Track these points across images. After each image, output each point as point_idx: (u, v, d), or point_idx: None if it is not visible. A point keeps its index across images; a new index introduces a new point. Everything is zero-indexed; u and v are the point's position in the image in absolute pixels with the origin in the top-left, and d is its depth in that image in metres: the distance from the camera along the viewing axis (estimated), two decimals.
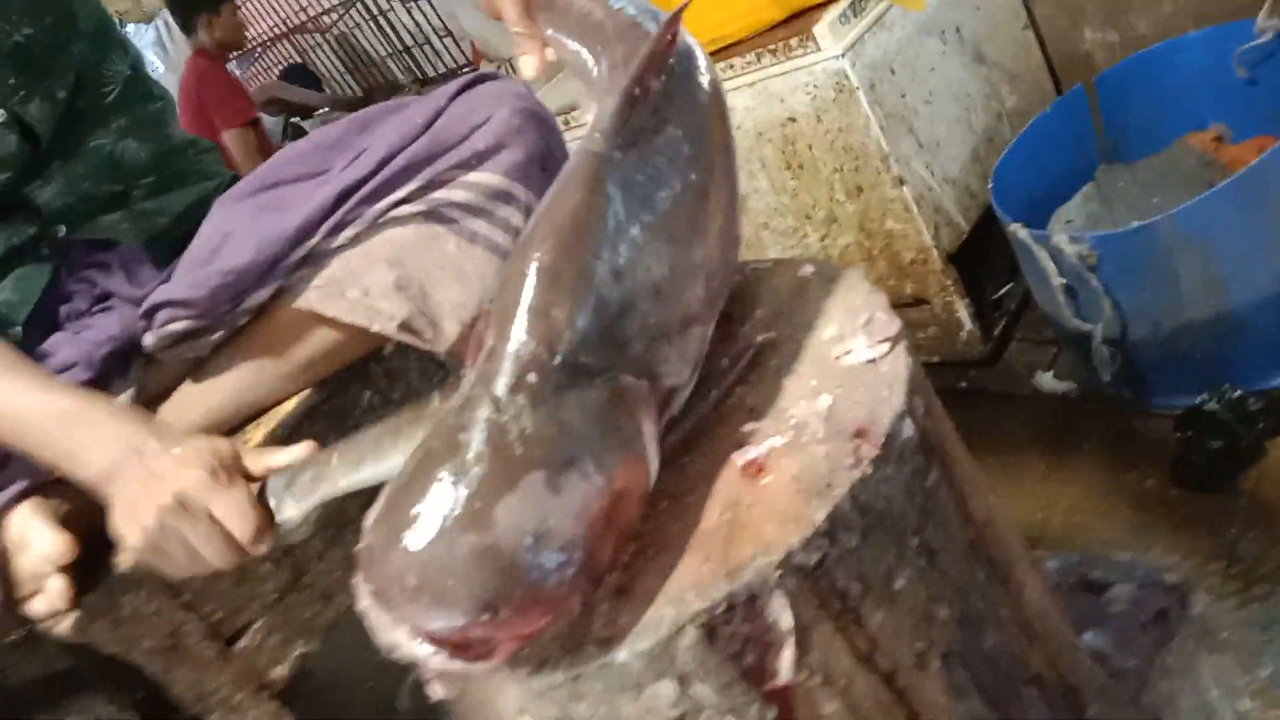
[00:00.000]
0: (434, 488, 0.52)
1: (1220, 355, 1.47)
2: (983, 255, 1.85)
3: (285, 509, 0.74)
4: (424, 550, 0.51)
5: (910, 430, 0.58)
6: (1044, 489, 1.58)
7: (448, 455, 0.53)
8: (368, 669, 1.77)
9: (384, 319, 1.00)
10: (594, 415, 0.55)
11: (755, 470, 0.60)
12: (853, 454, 0.57)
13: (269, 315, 1.03)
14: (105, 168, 1.06)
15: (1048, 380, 1.76)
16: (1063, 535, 1.48)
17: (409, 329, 1.01)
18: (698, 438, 0.65)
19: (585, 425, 0.55)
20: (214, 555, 0.75)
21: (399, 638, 0.52)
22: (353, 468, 0.71)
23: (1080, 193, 1.78)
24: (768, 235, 1.97)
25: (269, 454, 0.78)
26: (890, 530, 0.57)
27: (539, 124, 1.00)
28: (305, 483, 0.74)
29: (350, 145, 1.03)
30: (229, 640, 1.04)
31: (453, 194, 0.98)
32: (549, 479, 0.52)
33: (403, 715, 1.56)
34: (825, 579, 0.54)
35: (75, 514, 0.92)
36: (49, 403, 0.83)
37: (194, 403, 1.05)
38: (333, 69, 5.75)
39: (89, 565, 0.90)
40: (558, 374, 0.55)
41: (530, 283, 0.57)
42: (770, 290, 0.74)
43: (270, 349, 1.05)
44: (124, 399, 1.02)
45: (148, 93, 1.11)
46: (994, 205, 1.59)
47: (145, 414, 0.84)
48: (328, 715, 1.75)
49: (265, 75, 5.85)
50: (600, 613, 0.55)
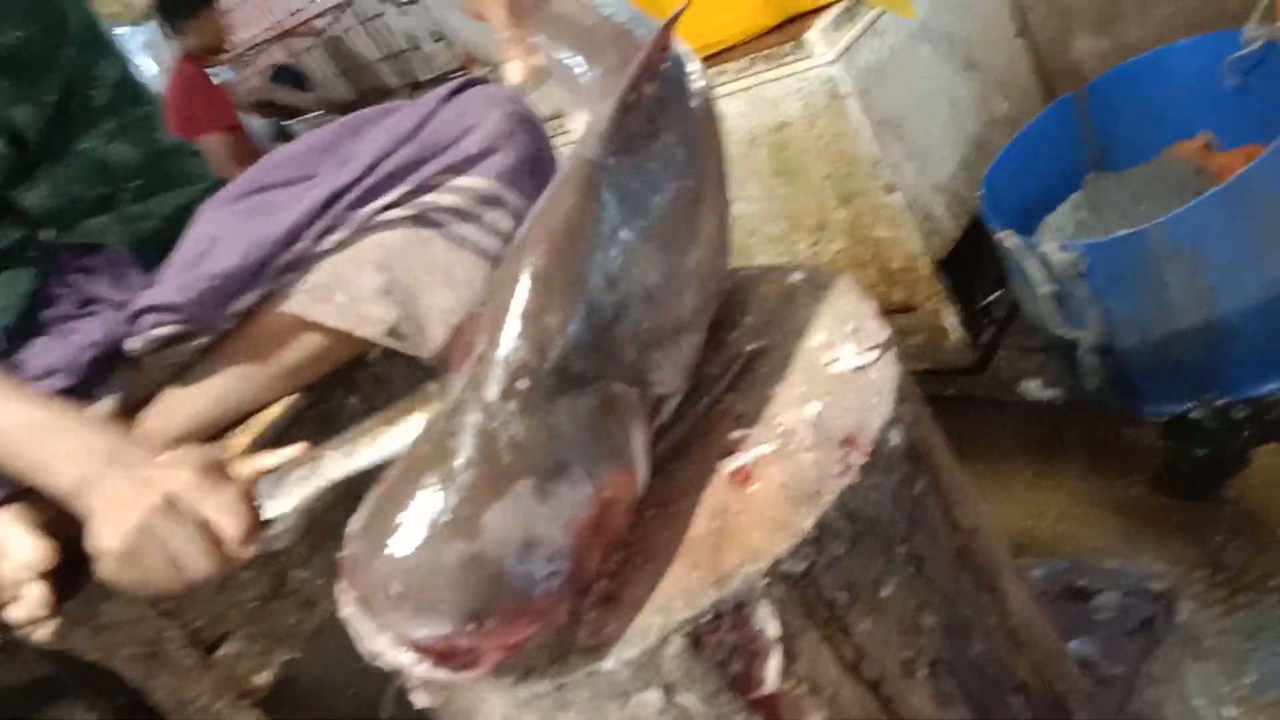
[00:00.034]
0: (421, 494, 0.52)
1: (1207, 363, 1.47)
2: (972, 262, 1.85)
3: (275, 507, 0.74)
4: (410, 557, 0.50)
5: (898, 438, 0.58)
6: (1031, 496, 1.58)
7: (436, 461, 0.53)
8: (351, 676, 1.76)
9: (371, 324, 1.00)
10: (585, 423, 0.55)
11: (743, 478, 0.59)
12: (841, 462, 0.57)
13: (255, 320, 1.03)
14: (93, 171, 1.05)
15: (1035, 388, 1.77)
16: (1050, 542, 1.48)
17: (396, 334, 1.00)
18: (686, 445, 0.64)
19: (576, 433, 0.54)
20: (196, 562, 0.74)
21: (383, 646, 0.52)
22: (346, 457, 0.71)
23: (1069, 200, 1.78)
24: (757, 241, 1.97)
25: (257, 458, 0.77)
26: (878, 538, 0.57)
27: (529, 129, 0.99)
28: (296, 480, 0.73)
29: (339, 149, 1.03)
30: (210, 648, 1.03)
31: (442, 198, 0.98)
32: (538, 487, 0.52)
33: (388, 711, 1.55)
34: (812, 587, 0.54)
35: (55, 520, 0.91)
36: (20, 413, 0.82)
37: (178, 407, 1.04)
38: (324, 73, 5.74)
39: (69, 572, 0.89)
40: (549, 380, 0.55)
41: (523, 288, 0.57)
42: (759, 297, 0.74)
43: (256, 353, 1.05)
44: (107, 404, 1.01)
45: (136, 96, 1.10)
46: (983, 212, 1.60)
47: (121, 426, 0.83)
48: None
49: (258, 79, 5.83)
50: (587, 621, 0.55)
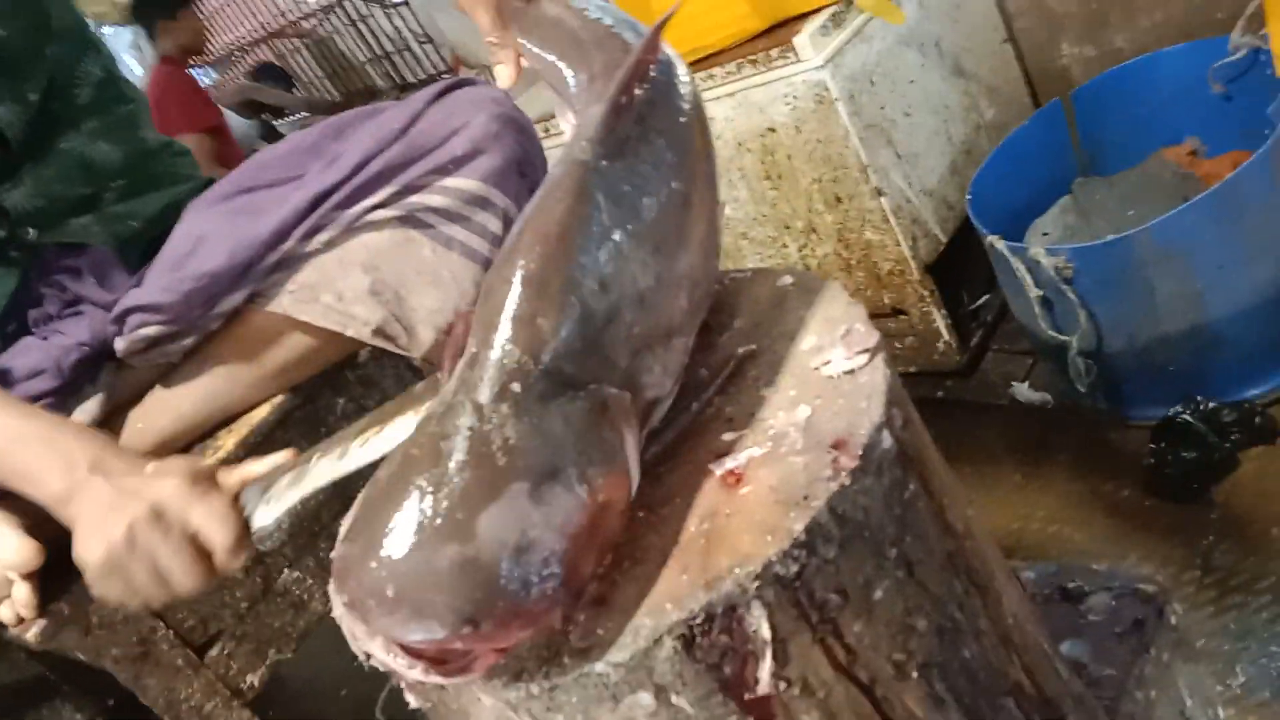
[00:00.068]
0: (414, 496, 0.51)
1: (1195, 367, 1.48)
2: (960, 266, 1.86)
3: (263, 515, 0.73)
4: (403, 561, 0.49)
5: (889, 442, 0.58)
6: (1020, 499, 1.58)
7: (428, 463, 0.52)
8: (342, 677, 1.76)
9: (358, 324, 0.99)
10: (578, 426, 0.54)
11: (734, 481, 0.59)
12: (831, 465, 0.56)
13: (242, 320, 1.02)
14: (76, 170, 1.05)
15: (1024, 391, 1.77)
16: (1038, 545, 1.49)
17: (384, 334, 1.00)
18: (676, 448, 0.64)
19: (569, 436, 0.54)
20: (183, 574, 0.73)
21: (376, 650, 0.51)
22: (336, 460, 0.70)
23: (1057, 205, 1.79)
24: (747, 245, 1.97)
25: (243, 466, 0.77)
26: (869, 541, 0.57)
27: (517, 130, 0.99)
28: (283, 486, 0.73)
29: (326, 150, 1.02)
30: (200, 648, 1.02)
31: (429, 199, 0.98)
32: (532, 490, 0.51)
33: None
34: (804, 590, 0.54)
35: (42, 521, 0.90)
36: (4, 421, 0.81)
37: (164, 408, 1.04)
38: (312, 74, 5.72)
39: (56, 572, 0.88)
40: (542, 383, 0.55)
41: (516, 290, 0.56)
42: (749, 300, 0.74)
43: (243, 354, 1.04)
44: (93, 404, 1.00)
45: (120, 95, 1.10)
46: (972, 217, 1.60)
47: (107, 436, 0.82)
48: None
49: (241, 79, 5.81)
50: (578, 623, 0.54)
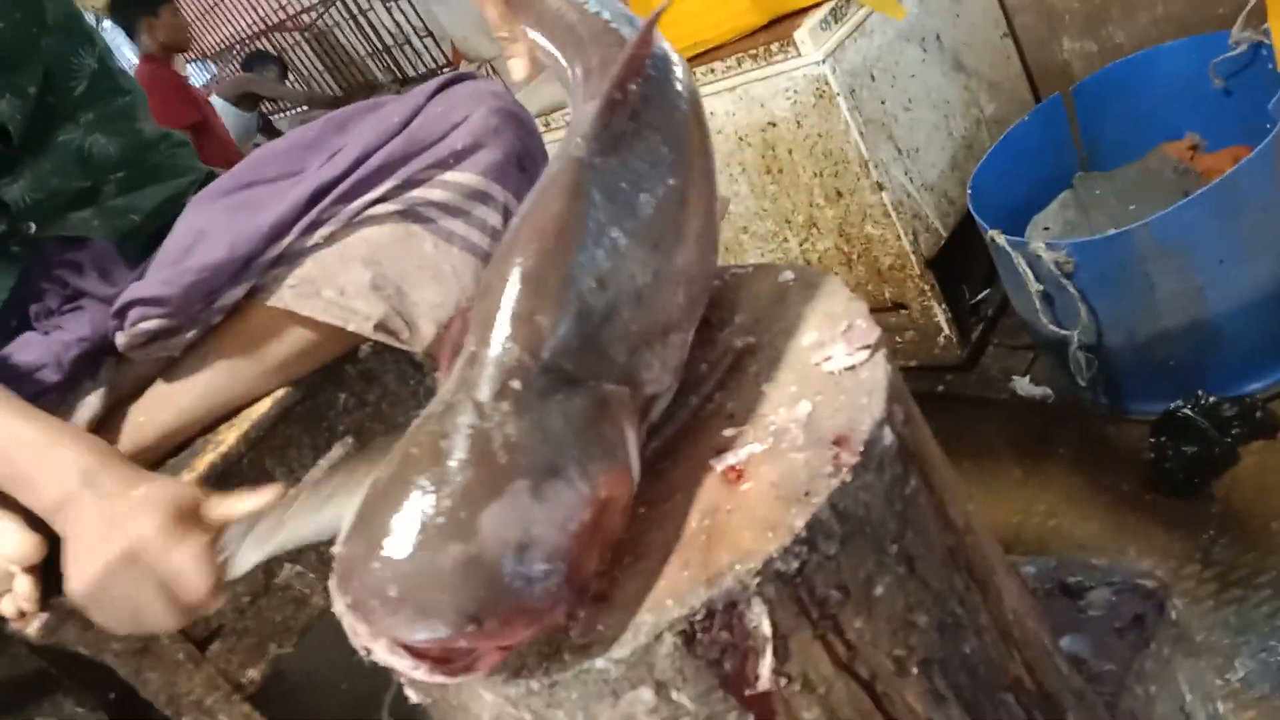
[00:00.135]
0: (415, 495, 0.50)
1: (1195, 362, 1.48)
2: (961, 261, 1.86)
3: (241, 561, 0.71)
4: (406, 560, 0.49)
5: (890, 438, 0.58)
6: (1020, 493, 1.59)
7: (429, 462, 0.52)
8: (342, 672, 1.76)
9: (360, 319, 0.99)
10: (578, 423, 0.54)
11: (734, 477, 0.59)
12: (832, 461, 0.56)
13: (243, 314, 1.02)
14: (74, 163, 1.04)
15: (1024, 385, 1.78)
16: (1038, 539, 1.49)
17: (385, 329, 1.00)
18: (677, 444, 0.64)
19: (570, 433, 0.54)
20: (157, 617, 0.73)
21: (378, 649, 0.51)
22: (314, 512, 0.67)
23: (1058, 200, 1.79)
24: (747, 239, 1.97)
25: (231, 501, 0.75)
26: (870, 538, 0.57)
27: (517, 124, 0.99)
28: (264, 531, 0.70)
29: (327, 144, 1.02)
30: (201, 643, 1.02)
31: (430, 193, 0.98)
32: (534, 487, 0.51)
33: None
34: (805, 586, 0.54)
35: None
36: (3, 425, 0.81)
37: (166, 403, 1.04)
38: (312, 68, 5.72)
39: (58, 566, 0.88)
40: (541, 381, 0.54)
41: (513, 288, 0.56)
42: (750, 296, 0.74)
43: (244, 348, 1.04)
44: (94, 399, 1.00)
45: (116, 87, 1.09)
46: (972, 212, 1.60)
47: (104, 444, 0.81)
48: (302, 718, 1.74)
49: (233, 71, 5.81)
50: (579, 619, 0.54)
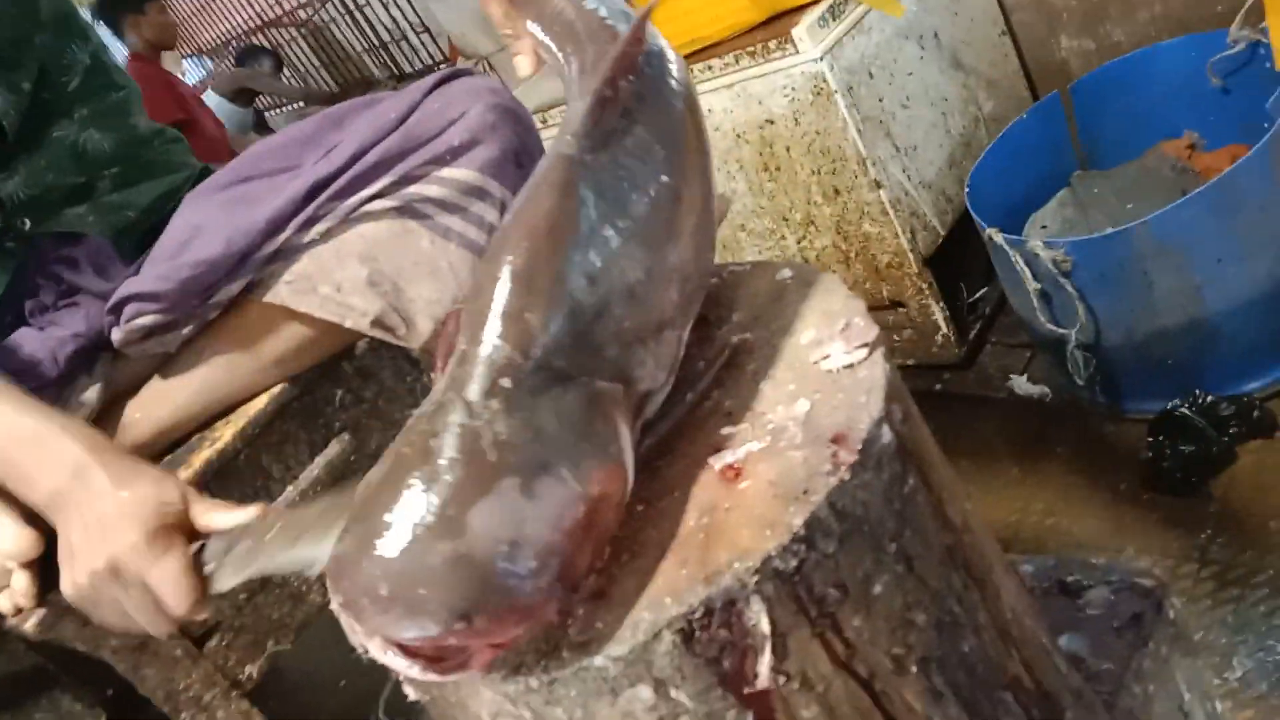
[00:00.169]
0: (405, 494, 0.51)
1: (1193, 361, 1.48)
2: (958, 259, 1.86)
3: (220, 578, 0.72)
4: (396, 559, 0.50)
5: (888, 436, 0.58)
6: (1017, 492, 1.59)
7: (419, 461, 0.52)
8: (340, 668, 1.76)
9: (356, 315, 0.99)
10: (569, 420, 0.54)
11: (733, 475, 0.59)
12: (830, 460, 0.56)
13: (239, 310, 1.02)
14: (68, 159, 1.04)
15: (1022, 384, 1.78)
16: (1036, 538, 1.49)
17: (382, 325, 1.00)
18: (674, 442, 0.64)
19: (560, 430, 0.54)
20: (146, 622, 0.74)
21: (372, 648, 0.51)
22: (289, 545, 0.67)
23: (1056, 198, 1.79)
24: (745, 237, 1.97)
25: (217, 511, 0.75)
26: (868, 536, 0.57)
27: (514, 120, 0.99)
28: (242, 552, 0.71)
29: (323, 140, 1.02)
30: (199, 639, 1.02)
31: (426, 189, 0.98)
32: (524, 485, 0.51)
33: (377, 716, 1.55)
34: (803, 584, 0.54)
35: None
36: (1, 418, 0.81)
37: (162, 399, 1.03)
38: (308, 64, 5.71)
39: (55, 560, 0.88)
40: (532, 378, 0.55)
41: (503, 286, 0.56)
42: (748, 293, 0.74)
43: (241, 344, 1.04)
44: (90, 395, 1.00)
45: (110, 82, 1.09)
46: (970, 210, 1.60)
47: (100, 437, 0.81)
48: (300, 715, 1.74)
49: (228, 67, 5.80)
50: (576, 617, 0.54)
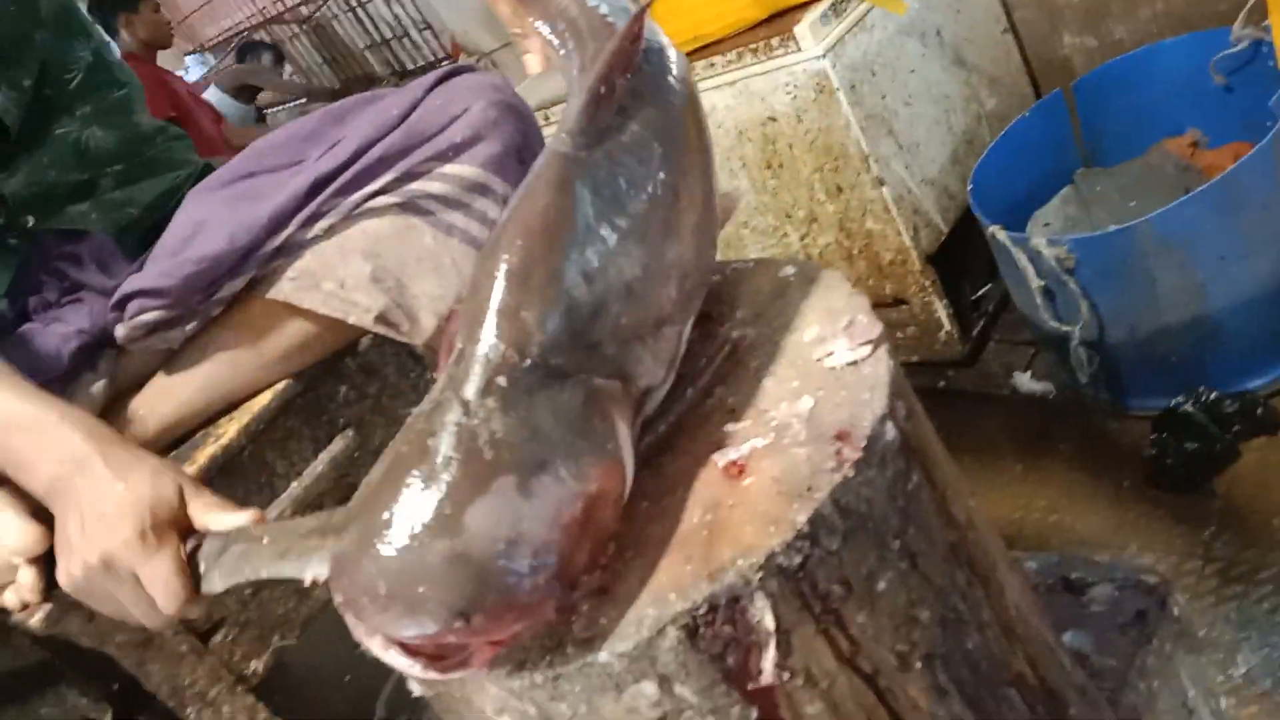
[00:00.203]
0: (403, 493, 0.51)
1: (1196, 358, 1.48)
2: (961, 257, 1.86)
3: (211, 580, 0.72)
4: (395, 558, 0.50)
5: (892, 433, 0.58)
6: (1021, 489, 1.59)
7: (416, 460, 0.52)
8: (345, 663, 1.76)
9: (360, 311, 0.99)
10: (566, 418, 0.54)
11: (736, 471, 0.59)
12: (834, 457, 0.56)
13: (243, 306, 1.02)
14: (70, 156, 1.04)
15: (1025, 381, 1.77)
16: (1039, 535, 1.49)
17: (386, 321, 1.00)
18: (678, 438, 0.64)
19: (557, 428, 0.54)
20: (141, 616, 0.74)
21: (373, 646, 0.52)
22: (277, 557, 0.68)
23: (1059, 196, 1.79)
24: (748, 234, 1.97)
25: (214, 511, 0.75)
26: (872, 533, 0.57)
27: (516, 116, 0.99)
28: (235, 556, 0.71)
29: (325, 136, 1.02)
30: (204, 635, 1.02)
31: (429, 186, 0.98)
32: (521, 483, 0.51)
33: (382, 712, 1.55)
34: (807, 581, 0.54)
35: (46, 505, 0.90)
36: (4, 405, 0.81)
37: (166, 395, 1.03)
38: (310, 61, 5.71)
39: None
40: (528, 377, 0.55)
41: (499, 285, 0.56)
42: (751, 290, 0.74)
43: (244, 340, 1.04)
44: (94, 392, 1.00)
45: (112, 79, 1.09)
46: (973, 207, 1.60)
47: (101, 426, 0.81)
48: (305, 710, 1.74)
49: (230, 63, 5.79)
50: (581, 613, 0.54)
